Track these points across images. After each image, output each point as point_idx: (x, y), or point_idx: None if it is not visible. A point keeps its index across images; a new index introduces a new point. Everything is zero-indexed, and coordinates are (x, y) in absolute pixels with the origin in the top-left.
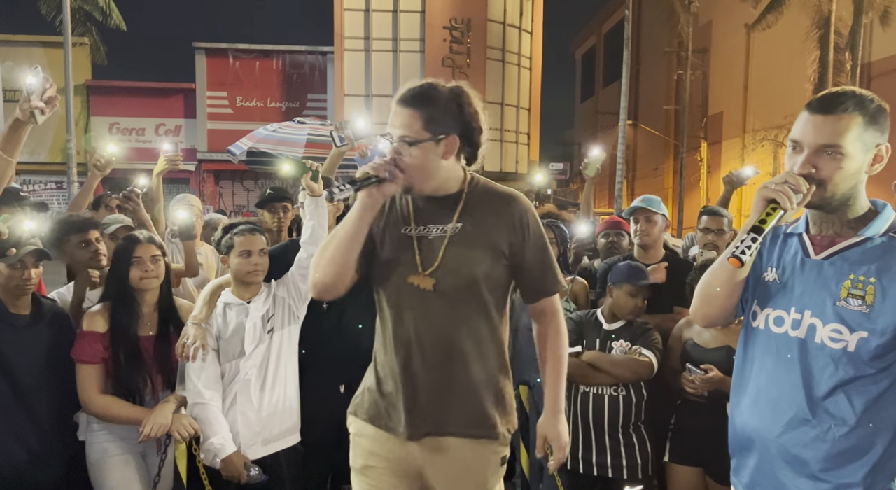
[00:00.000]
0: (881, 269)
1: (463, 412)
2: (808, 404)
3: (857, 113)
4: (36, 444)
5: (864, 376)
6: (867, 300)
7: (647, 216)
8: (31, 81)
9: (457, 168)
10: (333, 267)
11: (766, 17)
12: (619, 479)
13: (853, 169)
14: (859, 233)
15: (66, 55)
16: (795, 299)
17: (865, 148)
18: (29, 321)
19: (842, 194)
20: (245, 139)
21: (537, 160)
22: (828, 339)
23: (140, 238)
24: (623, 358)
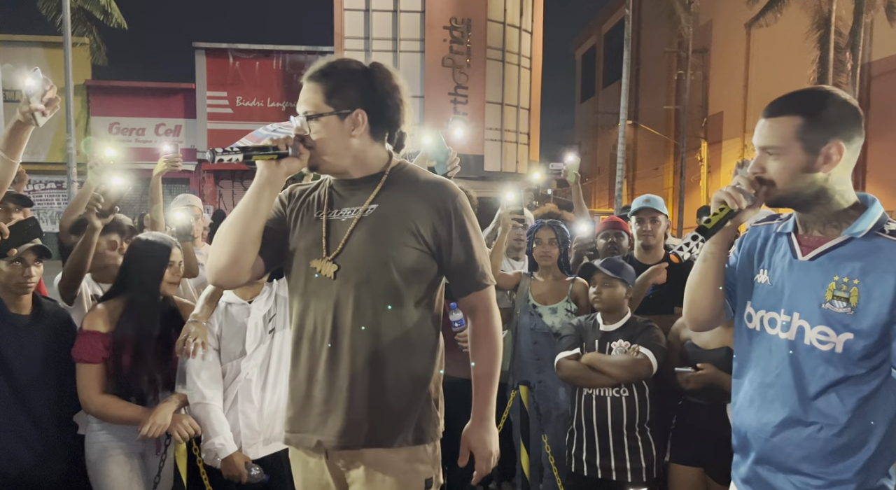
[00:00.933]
0: (865, 269)
1: (381, 419)
2: (800, 404)
3: (796, 115)
4: (36, 444)
5: (854, 376)
6: (851, 302)
7: (652, 216)
8: (31, 83)
9: (377, 149)
10: (227, 246)
11: (766, 16)
12: (623, 483)
13: (797, 168)
14: (843, 232)
15: (66, 55)
16: (785, 301)
17: (809, 147)
18: (29, 321)
19: (797, 192)
20: (245, 139)
21: (537, 160)
22: (816, 341)
23: (172, 243)
24: (621, 358)
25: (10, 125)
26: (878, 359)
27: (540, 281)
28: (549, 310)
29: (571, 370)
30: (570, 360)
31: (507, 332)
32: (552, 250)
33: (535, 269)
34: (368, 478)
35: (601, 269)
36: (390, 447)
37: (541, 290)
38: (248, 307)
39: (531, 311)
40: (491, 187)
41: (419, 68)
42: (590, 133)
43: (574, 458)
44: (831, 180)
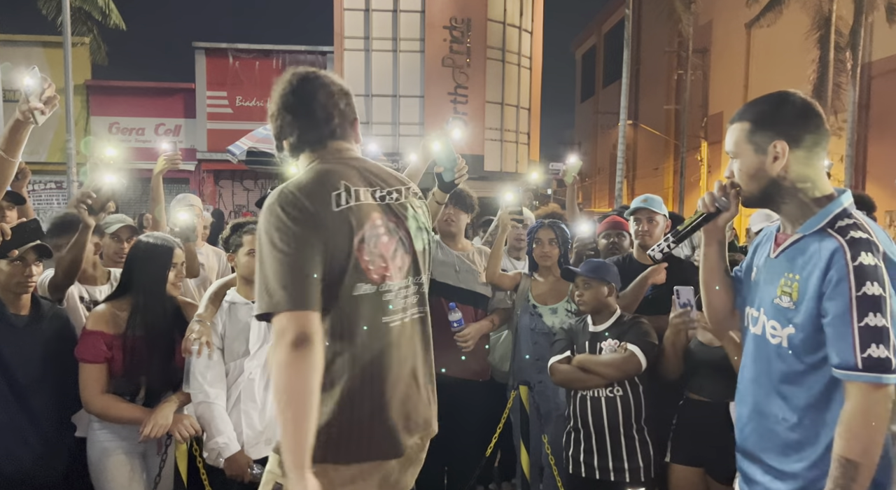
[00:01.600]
0: (804, 265)
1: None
2: (763, 398)
3: (745, 120)
4: (36, 444)
5: (800, 372)
6: (793, 297)
7: (650, 216)
8: (29, 82)
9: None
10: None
11: (766, 16)
12: (621, 483)
13: (751, 169)
14: (797, 230)
15: (66, 55)
16: (757, 297)
17: (758, 149)
18: (28, 321)
19: (759, 192)
20: (245, 139)
21: (537, 160)
22: (770, 335)
23: (173, 244)
24: (609, 357)
25: (9, 124)
26: (819, 356)
27: (540, 281)
28: (549, 310)
29: (564, 373)
30: (563, 363)
31: (507, 333)
32: (552, 250)
33: (535, 269)
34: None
35: (579, 272)
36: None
37: (541, 290)
38: (252, 307)
39: (531, 312)
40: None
41: (419, 68)
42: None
43: (571, 460)
44: (790, 178)
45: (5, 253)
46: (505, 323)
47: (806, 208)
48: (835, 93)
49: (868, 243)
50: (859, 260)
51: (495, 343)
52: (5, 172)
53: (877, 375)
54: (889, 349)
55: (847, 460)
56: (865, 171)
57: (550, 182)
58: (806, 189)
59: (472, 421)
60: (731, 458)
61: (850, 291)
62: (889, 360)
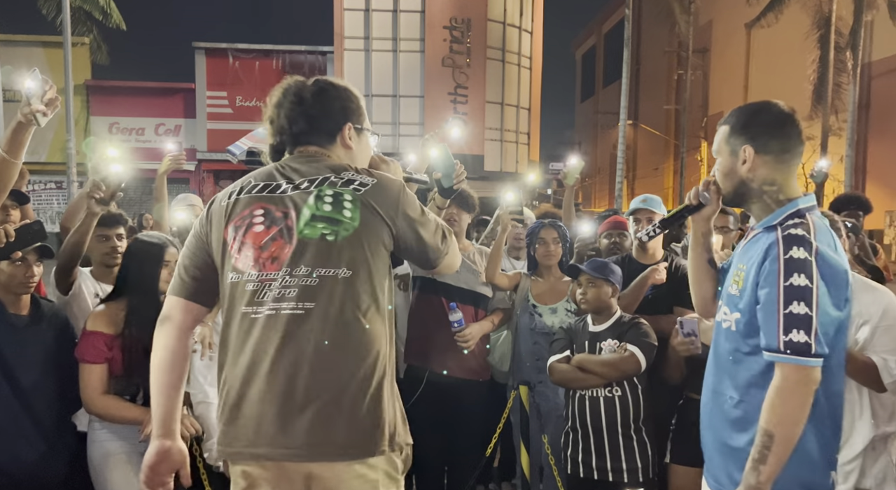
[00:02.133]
0: (750, 256)
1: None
2: (717, 378)
3: (725, 124)
4: (38, 444)
5: (744, 353)
6: (739, 285)
7: (649, 217)
8: (30, 85)
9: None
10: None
11: (766, 16)
12: (620, 483)
13: (725, 169)
14: (756, 226)
15: (66, 55)
16: (722, 288)
17: (732, 152)
18: (28, 321)
19: (731, 191)
20: (245, 139)
21: (537, 160)
22: (723, 319)
23: (166, 242)
24: (608, 357)
25: (11, 126)
26: (756, 341)
27: (540, 281)
28: (549, 310)
29: (563, 373)
30: (562, 363)
31: (507, 333)
32: (557, 249)
33: (535, 269)
34: None
35: (585, 270)
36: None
37: (541, 289)
38: None
39: (531, 311)
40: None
41: (419, 68)
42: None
43: (570, 460)
44: (756, 181)
45: (8, 254)
46: (505, 323)
47: (768, 208)
48: (835, 93)
49: (802, 239)
50: (790, 253)
51: (495, 343)
52: (8, 174)
53: (796, 357)
54: (810, 336)
55: (764, 430)
56: (865, 171)
57: (550, 182)
58: (771, 191)
59: (472, 421)
60: None
61: (778, 280)
62: (808, 344)
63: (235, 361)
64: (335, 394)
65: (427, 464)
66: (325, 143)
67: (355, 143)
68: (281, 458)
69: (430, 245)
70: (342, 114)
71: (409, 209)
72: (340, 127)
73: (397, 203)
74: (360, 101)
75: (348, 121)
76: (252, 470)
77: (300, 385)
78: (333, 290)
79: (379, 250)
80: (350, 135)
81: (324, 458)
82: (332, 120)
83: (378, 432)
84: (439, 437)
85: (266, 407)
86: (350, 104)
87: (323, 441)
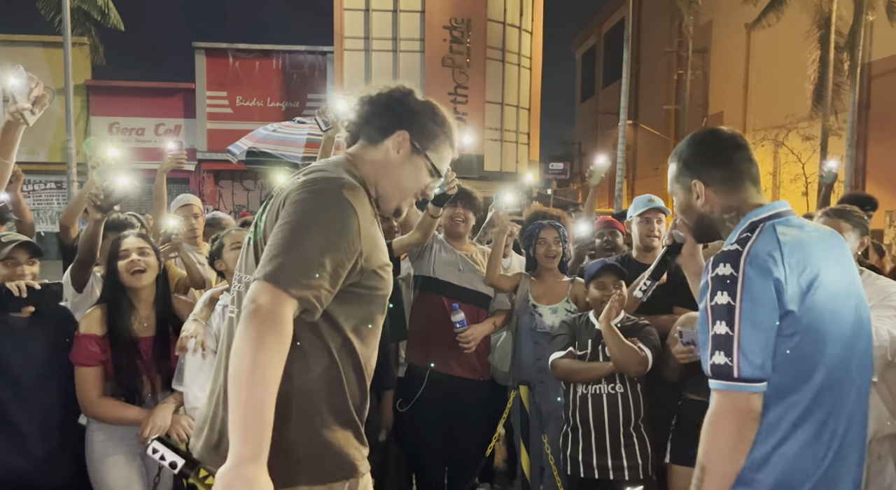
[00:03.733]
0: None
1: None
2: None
3: (672, 163)
4: (38, 448)
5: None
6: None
7: (659, 217)
8: (14, 82)
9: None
10: None
11: (767, 16)
12: (620, 481)
13: (683, 207)
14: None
15: (66, 55)
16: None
17: (684, 188)
18: (27, 323)
19: (696, 227)
20: (245, 139)
21: (537, 160)
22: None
23: (127, 234)
24: (626, 342)
25: (1, 126)
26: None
27: (540, 281)
28: (549, 310)
29: (566, 366)
30: (564, 359)
31: (507, 334)
32: (557, 250)
33: (535, 269)
34: None
35: (617, 268)
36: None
37: (541, 290)
38: None
39: (531, 311)
40: (491, 187)
41: (419, 68)
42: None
43: (570, 460)
44: (716, 212)
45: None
46: (506, 324)
47: (729, 235)
48: (835, 93)
49: (730, 255)
50: (716, 271)
51: (495, 344)
52: (1, 174)
53: (721, 382)
54: (731, 356)
55: (698, 461)
56: (865, 171)
57: (550, 182)
58: (731, 218)
59: (472, 421)
60: None
61: (706, 301)
62: (728, 366)
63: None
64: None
65: (427, 463)
66: (372, 141)
67: (403, 155)
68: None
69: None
70: (404, 120)
71: (285, 209)
72: (393, 130)
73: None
74: (443, 131)
75: (407, 130)
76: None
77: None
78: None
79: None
80: (401, 144)
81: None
82: (394, 118)
83: (278, 457)
84: (440, 436)
85: (216, 413)
86: (427, 123)
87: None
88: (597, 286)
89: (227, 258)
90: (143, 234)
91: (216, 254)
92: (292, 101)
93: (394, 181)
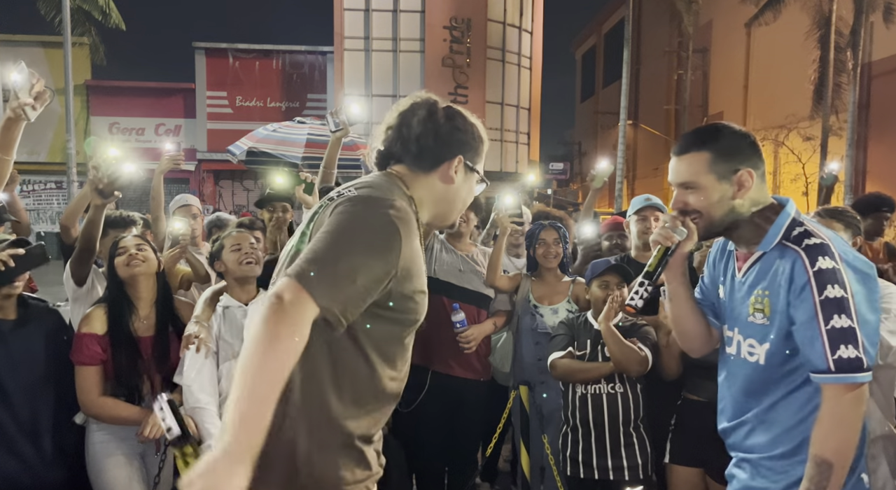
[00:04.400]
0: (771, 280)
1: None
2: (742, 408)
3: (704, 150)
4: (32, 450)
5: (775, 379)
6: (766, 312)
7: (656, 215)
8: (16, 78)
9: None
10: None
11: (764, 14)
12: (621, 481)
13: (715, 198)
14: (757, 248)
15: (66, 55)
16: (730, 317)
17: (721, 178)
18: (13, 326)
19: (720, 220)
20: (245, 139)
21: (537, 160)
22: (747, 353)
23: (125, 233)
24: (626, 342)
25: (1, 122)
26: (795, 363)
27: (541, 282)
28: (550, 310)
29: (565, 366)
30: (564, 359)
31: (508, 333)
32: (557, 250)
33: (535, 270)
34: None
35: (622, 269)
36: None
37: (542, 290)
38: (246, 310)
39: (532, 312)
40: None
41: (419, 68)
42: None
43: (570, 461)
44: (746, 205)
45: (12, 279)
46: (507, 325)
47: (759, 228)
48: (835, 93)
49: (823, 248)
50: (818, 265)
51: (496, 344)
52: (1, 171)
53: (849, 376)
54: (858, 348)
55: (822, 460)
56: (865, 171)
57: (550, 182)
58: (757, 211)
59: (473, 421)
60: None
61: (813, 297)
62: (860, 359)
63: None
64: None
65: (427, 464)
66: (425, 169)
67: (460, 178)
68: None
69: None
70: (460, 145)
71: (331, 218)
72: (451, 156)
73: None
74: (482, 144)
75: (462, 153)
76: None
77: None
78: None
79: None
80: (457, 168)
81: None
82: (447, 146)
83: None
84: (440, 436)
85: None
86: (472, 140)
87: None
88: (600, 285)
89: (227, 259)
90: (140, 235)
91: (216, 255)
92: (292, 101)
93: (452, 203)
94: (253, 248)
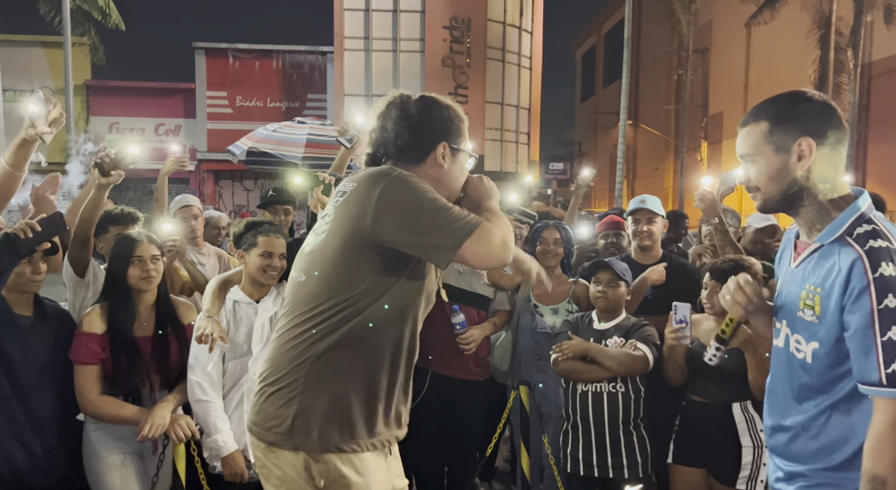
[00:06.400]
0: (825, 277)
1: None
2: (785, 409)
3: (761, 119)
4: (38, 445)
5: (823, 383)
6: (816, 310)
7: (648, 217)
8: (33, 109)
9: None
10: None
11: (763, 13)
12: (620, 479)
13: (772, 170)
14: (815, 239)
15: (66, 55)
16: (780, 310)
17: (779, 148)
18: (32, 322)
19: (779, 195)
20: (245, 139)
21: (537, 160)
22: (794, 349)
23: (140, 237)
24: (617, 351)
25: (15, 141)
26: (845, 368)
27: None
28: (550, 310)
29: (568, 366)
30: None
31: (508, 332)
32: (558, 250)
33: None
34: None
35: (612, 266)
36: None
37: (542, 290)
38: (256, 307)
39: (532, 311)
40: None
41: (419, 68)
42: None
43: (570, 458)
44: (812, 179)
45: (35, 248)
46: (506, 325)
47: (824, 212)
48: (835, 93)
49: (888, 252)
50: (879, 271)
51: (495, 343)
52: (11, 186)
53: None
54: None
55: (874, 476)
56: (865, 171)
57: (550, 182)
58: (825, 190)
59: (472, 421)
60: (732, 459)
61: (871, 304)
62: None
63: None
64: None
65: (427, 464)
66: (414, 161)
67: (448, 162)
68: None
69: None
70: (441, 132)
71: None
72: (434, 145)
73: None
74: (462, 122)
75: (444, 140)
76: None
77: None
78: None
79: (345, 254)
80: (444, 153)
81: (251, 434)
82: (428, 137)
83: (278, 421)
84: (440, 436)
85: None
86: (451, 124)
87: (250, 418)
88: (593, 282)
89: (252, 260)
90: (153, 238)
91: (240, 242)
92: (292, 101)
93: (448, 185)
94: (282, 260)
